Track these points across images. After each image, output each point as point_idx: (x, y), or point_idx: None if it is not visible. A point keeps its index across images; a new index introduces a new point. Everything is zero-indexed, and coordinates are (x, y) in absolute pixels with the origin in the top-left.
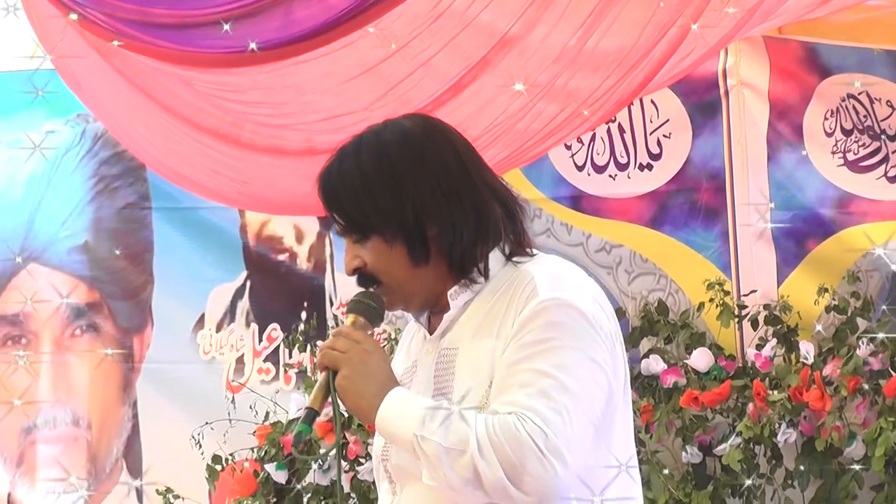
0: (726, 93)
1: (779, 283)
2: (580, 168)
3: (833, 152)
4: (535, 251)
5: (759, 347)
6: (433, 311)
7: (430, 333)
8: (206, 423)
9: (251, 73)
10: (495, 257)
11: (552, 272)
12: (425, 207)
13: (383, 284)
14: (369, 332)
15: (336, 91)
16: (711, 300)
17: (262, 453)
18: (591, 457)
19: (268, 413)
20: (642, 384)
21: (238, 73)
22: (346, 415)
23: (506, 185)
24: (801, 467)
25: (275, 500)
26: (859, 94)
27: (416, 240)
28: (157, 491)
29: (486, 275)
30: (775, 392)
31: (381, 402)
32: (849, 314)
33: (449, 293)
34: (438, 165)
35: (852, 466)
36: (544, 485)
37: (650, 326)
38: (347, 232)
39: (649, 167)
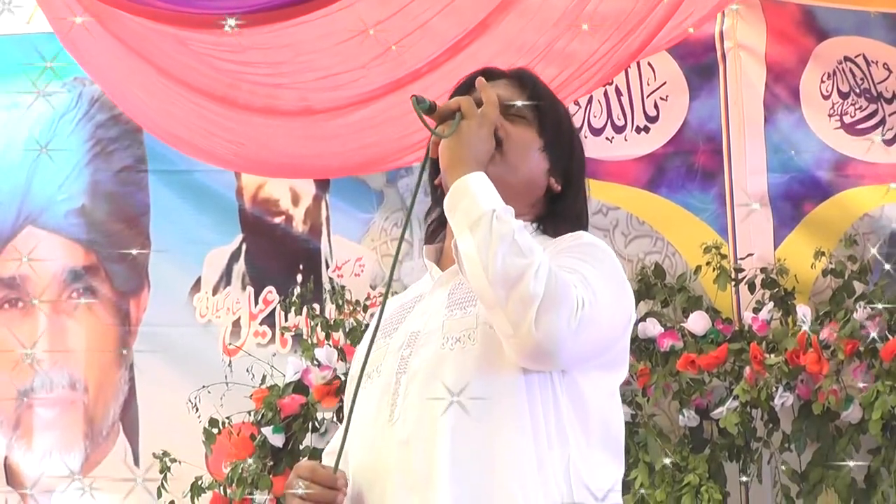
0: (723, 55)
1: (776, 247)
2: (577, 130)
3: (830, 115)
4: None
5: (756, 311)
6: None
7: (442, 269)
8: (203, 386)
9: (247, 33)
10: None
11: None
12: (572, 165)
13: (498, 149)
14: None
15: (333, 51)
16: (708, 263)
17: (259, 416)
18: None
19: (264, 376)
20: (639, 347)
21: (234, 34)
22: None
23: None
24: (798, 431)
25: (271, 463)
26: (856, 56)
27: (557, 171)
28: (153, 454)
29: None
30: (772, 355)
31: (477, 169)
32: (846, 277)
33: None
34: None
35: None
36: (558, 333)
37: (647, 290)
38: (520, 109)
39: (646, 130)
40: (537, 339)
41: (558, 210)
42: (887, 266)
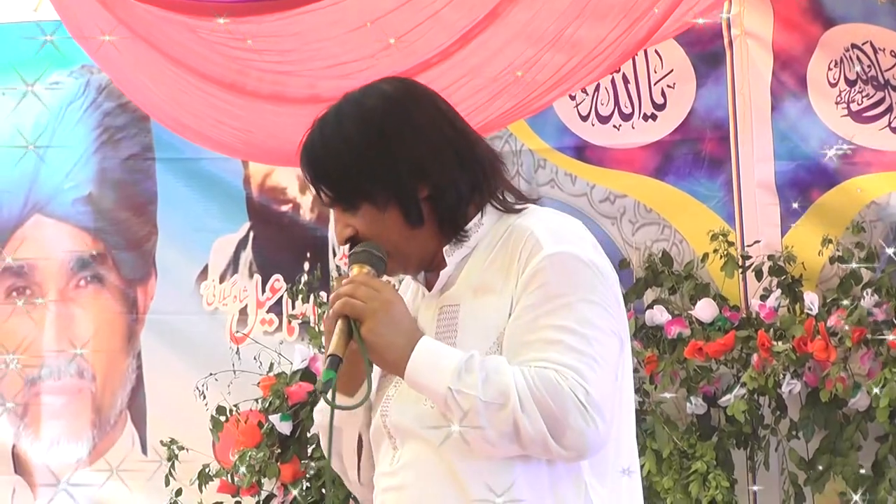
0: (730, 43)
1: (783, 234)
2: (584, 118)
3: (837, 102)
4: (524, 203)
5: (763, 298)
6: (429, 269)
7: (428, 290)
8: (211, 374)
9: (257, 21)
10: (488, 211)
11: (550, 226)
12: (416, 167)
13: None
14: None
15: (342, 39)
16: (715, 251)
17: (267, 404)
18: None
19: (272, 364)
20: (646, 335)
21: (244, 22)
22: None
23: (486, 139)
24: (806, 418)
25: (279, 451)
26: (863, 44)
27: (409, 201)
28: (161, 442)
29: (479, 229)
30: (780, 343)
31: (410, 354)
32: (853, 265)
33: (444, 250)
34: (426, 125)
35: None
36: (585, 439)
37: (654, 277)
38: (336, 202)
39: (653, 117)
40: (572, 455)
41: (440, 207)
42: (889, 250)
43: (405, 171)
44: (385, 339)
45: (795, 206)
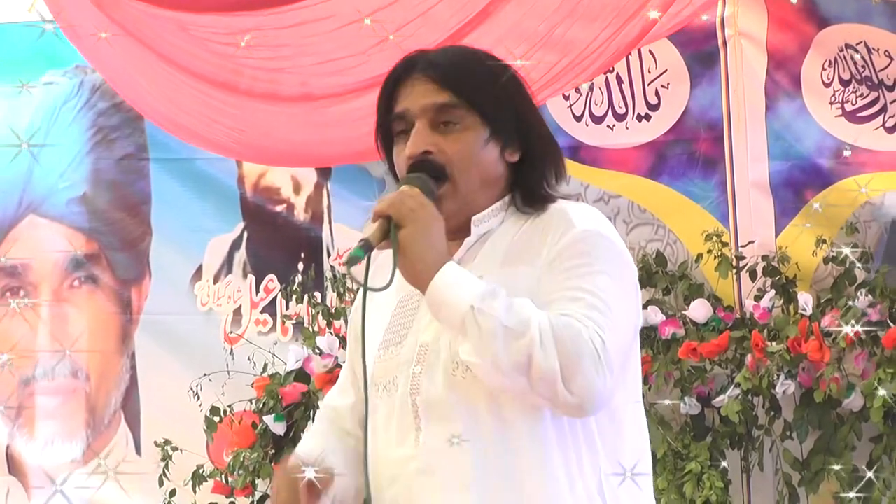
0: (724, 43)
1: (777, 234)
2: (578, 118)
3: (831, 103)
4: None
5: (757, 298)
6: (451, 237)
7: None
8: (205, 374)
9: (251, 16)
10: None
11: (584, 209)
12: (525, 125)
13: (446, 180)
14: None
15: (334, 35)
16: (710, 251)
17: (261, 405)
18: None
19: (266, 364)
20: (640, 335)
21: (237, 17)
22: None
23: None
24: (800, 419)
25: (273, 451)
26: (857, 44)
27: (511, 146)
28: (155, 442)
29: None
30: (774, 343)
31: (438, 269)
32: (847, 265)
33: (474, 219)
34: (530, 97)
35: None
36: (593, 388)
37: (648, 277)
38: (448, 109)
39: (647, 118)
40: (576, 403)
41: (525, 176)
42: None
43: (518, 121)
44: (418, 248)
45: (790, 206)
